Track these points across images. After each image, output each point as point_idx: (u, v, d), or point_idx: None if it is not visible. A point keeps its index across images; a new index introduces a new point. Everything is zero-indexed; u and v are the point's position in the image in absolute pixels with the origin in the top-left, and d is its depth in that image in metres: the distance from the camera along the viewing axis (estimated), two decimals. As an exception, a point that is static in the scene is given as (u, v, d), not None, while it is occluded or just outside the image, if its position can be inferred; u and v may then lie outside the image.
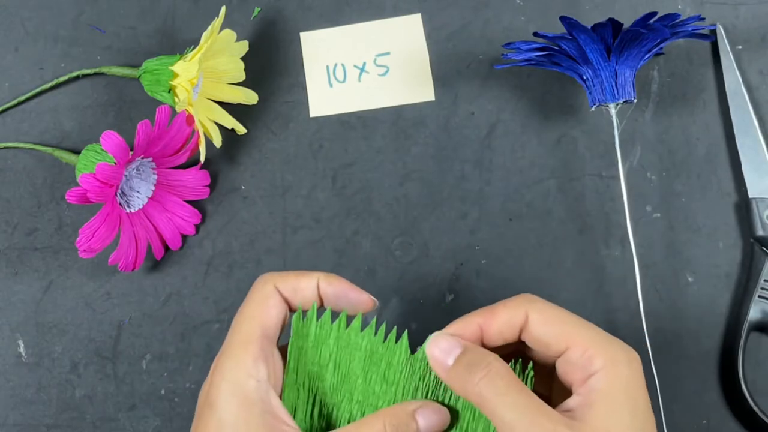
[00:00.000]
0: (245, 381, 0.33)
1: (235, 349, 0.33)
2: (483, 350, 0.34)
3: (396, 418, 0.33)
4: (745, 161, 0.45)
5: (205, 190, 0.49)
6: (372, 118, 0.49)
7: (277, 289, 0.35)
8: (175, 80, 0.46)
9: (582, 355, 0.32)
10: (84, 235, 0.43)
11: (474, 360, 0.33)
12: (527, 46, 0.44)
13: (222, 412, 0.32)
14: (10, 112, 0.52)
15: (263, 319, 0.34)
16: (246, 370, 0.33)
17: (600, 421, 0.31)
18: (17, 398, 0.48)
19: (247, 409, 0.32)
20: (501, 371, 0.32)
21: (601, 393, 0.32)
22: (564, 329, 0.33)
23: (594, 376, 0.32)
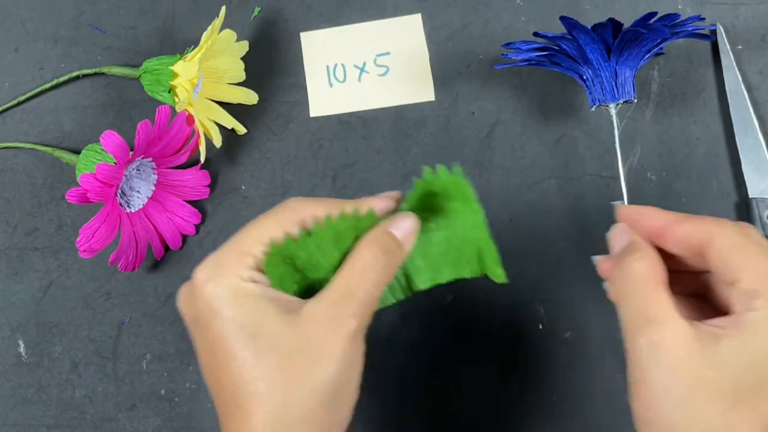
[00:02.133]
0: (245, 284, 0.32)
1: (231, 257, 0.33)
2: (641, 244, 0.34)
3: (375, 240, 0.34)
4: (745, 161, 0.45)
5: (205, 190, 0.49)
6: (372, 118, 0.49)
7: (300, 220, 0.34)
8: (175, 80, 0.46)
9: (750, 289, 0.32)
10: (84, 235, 0.43)
11: (626, 252, 0.34)
12: (527, 46, 0.44)
13: (237, 314, 0.32)
14: (10, 112, 0.52)
15: (269, 234, 0.34)
16: (243, 277, 0.33)
17: (723, 355, 0.30)
18: (17, 398, 0.48)
19: (256, 304, 0.32)
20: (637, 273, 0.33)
21: (744, 329, 0.31)
22: (742, 260, 0.33)
23: (750, 313, 0.31)
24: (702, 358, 0.30)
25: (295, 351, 0.32)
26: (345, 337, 0.32)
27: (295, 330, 0.32)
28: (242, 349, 0.32)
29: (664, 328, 0.31)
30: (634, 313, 0.32)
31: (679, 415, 0.30)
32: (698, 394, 0.30)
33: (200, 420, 0.47)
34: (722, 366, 0.30)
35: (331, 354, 0.32)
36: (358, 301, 0.33)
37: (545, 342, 0.46)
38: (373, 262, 0.34)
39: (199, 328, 0.33)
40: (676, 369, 0.30)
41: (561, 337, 0.45)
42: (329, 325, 0.32)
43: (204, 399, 0.47)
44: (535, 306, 0.46)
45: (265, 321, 0.32)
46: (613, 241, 0.36)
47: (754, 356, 0.30)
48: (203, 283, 0.33)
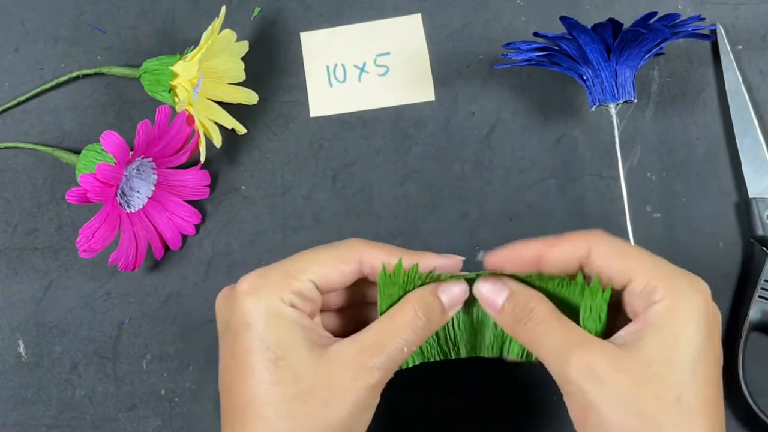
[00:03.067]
0: (283, 307, 0.33)
1: (278, 277, 0.33)
2: (528, 292, 0.34)
3: (422, 299, 0.35)
4: (745, 161, 0.45)
5: (205, 190, 0.49)
6: (372, 118, 0.49)
7: (360, 261, 0.35)
8: (175, 80, 0.46)
9: (644, 287, 0.32)
10: (84, 235, 0.43)
11: (518, 304, 0.34)
12: (527, 46, 0.44)
13: (267, 333, 0.32)
14: (10, 112, 0.52)
15: (324, 275, 0.34)
16: (284, 299, 0.33)
17: (647, 351, 0.31)
18: (17, 398, 0.48)
19: (289, 329, 0.32)
20: (544, 314, 0.33)
21: (655, 324, 0.31)
22: (627, 262, 0.33)
23: (653, 307, 0.32)
24: (634, 362, 0.31)
25: (312, 387, 0.32)
26: (364, 387, 0.32)
27: (318, 366, 0.32)
28: (262, 371, 0.32)
29: (591, 349, 0.31)
30: (554, 349, 0.32)
31: (634, 420, 0.30)
32: (644, 393, 0.30)
33: (200, 420, 0.47)
34: (654, 361, 0.31)
35: (347, 399, 0.32)
36: (387, 354, 0.33)
37: (545, 342, 0.45)
38: (413, 321, 0.34)
39: (228, 335, 0.34)
40: (617, 379, 0.31)
41: (561, 337, 0.45)
42: (352, 371, 0.32)
43: (204, 399, 0.47)
44: (535, 306, 0.46)
45: (292, 349, 0.32)
46: (488, 296, 0.35)
47: (676, 342, 0.31)
48: (245, 293, 0.33)
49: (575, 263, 0.34)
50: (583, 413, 0.32)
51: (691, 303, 0.32)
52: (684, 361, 0.31)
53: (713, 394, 0.31)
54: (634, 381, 0.30)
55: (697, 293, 0.32)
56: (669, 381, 0.30)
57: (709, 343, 0.32)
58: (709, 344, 0.32)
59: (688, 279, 0.33)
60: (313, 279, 0.34)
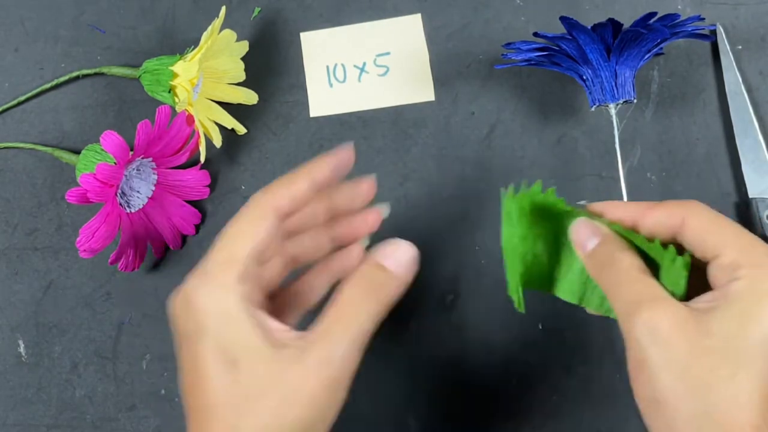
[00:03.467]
0: (234, 300, 0.32)
1: (217, 268, 0.33)
2: (617, 243, 0.35)
3: (365, 277, 0.34)
4: (745, 161, 0.45)
5: (205, 190, 0.49)
6: (372, 118, 0.49)
7: (272, 209, 0.34)
8: (175, 80, 0.46)
9: (731, 262, 0.32)
10: (84, 235, 0.43)
11: (605, 253, 0.34)
12: (527, 46, 0.44)
13: (219, 335, 0.32)
14: (10, 112, 0.52)
15: (249, 242, 0.33)
16: (229, 290, 0.32)
17: (715, 322, 0.31)
18: (17, 398, 0.48)
19: (242, 328, 0.32)
20: (624, 265, 0.33)
21: (730, 298, 0.31)
22: (718, 236, 0.33)
23: (733, 282, 0.32)
24: (698, 329, 0.31)
25: (270, 386, 0.31)
26: (325, 383, 0.32)
27: (275, 364, 0.32)
28: (220, 373, 0.32)
29: (658, 307, 0.31)
30: (625, 300, 0.33)
31: (682, 386, 0.30)
32: (699, 363, 0.30)
33: (200, 420, 0.47)
34: (718, 334, 0.30)
35: (307, 398, 0.31)
36: (345, 342, 0.32)
37: (545, 342, 0.45)
38: (360, 298, 0.33)
39: (185, 342, 0.33)
40: (675, 343, 0.31)
41: (561, 337, 0.45)
42: (310, 368, 0.31)
43: (204, 399, 0.47)
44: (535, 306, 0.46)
45: (248, 348, 0.32)
46: (581, 237, 0.36)
47: (744, 321, 0.31)
48: (194, 293, 0.33)
49: (669, 231, 0.34)
50: (637, 367, 0.32)
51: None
52: (749, 340, 0.30)
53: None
54: (693, 348, 0.30)
55: None
56: (728, 356, 0.30)
57: None
58: None
59: None
60: (249, 252, 0.33)
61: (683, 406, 0.30)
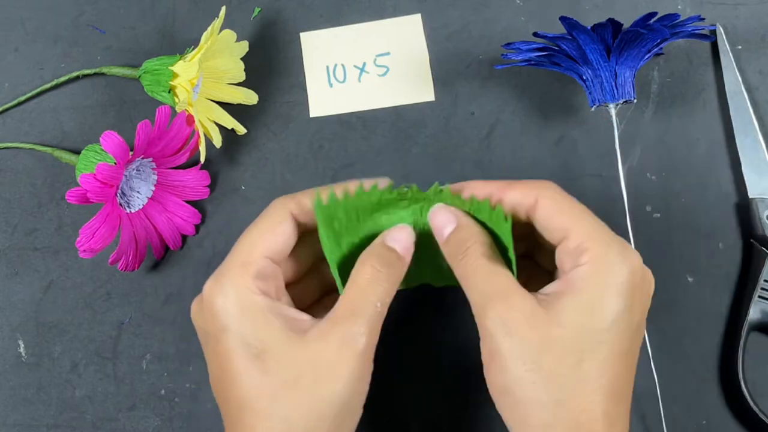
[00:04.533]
0: (252, 297, 0.33)
1: (236, 269, 0.34)
2: (471, 229, 0.35)
3: (376, 255, 0.35)
4: (745, 161, 0.45)
5: (205, 190, 0.49)
6: (372, 118, 0.49)
7: (291, 214, 0.35)
8: (175, 80, 0.46)
9: (575, 247, 0.33)
10: (84, 235, 0.43)
11: (459, 239, 0.35)
12: (527, 46, 0.44)
13: (243, 331, 0.33)
14: (10, 112, 0.52)
15: (269, 243, 0.35)
16: (249, 287, 0.33)
17: (561, 312, 0.32)
18: (17, 398, 0.48)
19: (264, 319, 0.33)
20: (476, 254, 0.34)
21: (575, 287, 0.32)
22: (566, 219, 0.34)
23: (577, 268, 0.33)
24: (546, 320, 0.32)
25: (301, 370, 0.32)
26: (353, 358, 0.33)
27: (302, 349, 0.32)
28: (249, 367, 0.32)
29: (510, 301, 0.32)
30: (479, 292, 0.33)
31: (534, 376, 0.31)
32: (548, 353, 0.31)
33: (200, 420, 0.47)
34: (565, 324, 0.31)
35: (339, 374, 0.32)
36: (365, 318, 0.33)
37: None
38: (375, 277, 0.35)
39: (210, 343, 0.34)
40: (526, 335, 0.31)
41: (561, 337, 0.45)
42: (338, 345, 0.32)
43: (204, 399, 0.47)
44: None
45: (272, 339, 0.33)
46: (438, 223, 0.36)
47: (589, 309, 0.32)
48: (211, 296, 0.34)
49: (525, 211, 0.35)
50: (490, 357, 0.33)
51: (614, 272, 0.32)
52: (593, 328, 0.32)
53: (620, 366, 0.32)
54: (541, 339, 0.31)
55: (623, 263, 0.32)
56: (574, 345, 0.31)
57: (626, 316, 0.32)
58: (627, 316, 0.32)
59: (619, 248, 0.33)
60: (265, 253, 0.34)
61: (535, 396, 0.31)
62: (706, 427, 0.44)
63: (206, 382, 0.47)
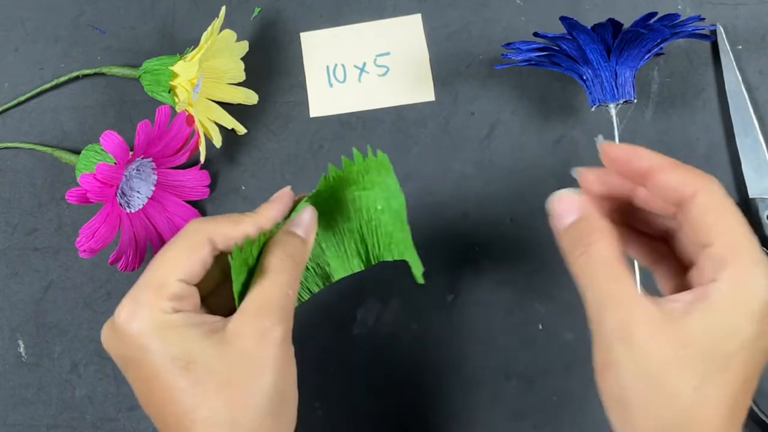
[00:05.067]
0: (168, 317, 0.33)
1: (149, 293, 0.33)
2: (596, 223, 0.33)
3: (281, 244, 0.36)
4: (745, 161, 0.45)
5: (205, 190, 0.49)
6: (372, 118, 0.49)
7: (208, 239, 0.35)
8: (175, 80, 0.46)
9: (719, 257, 0.31)
10: (84, 235, 0.43)
11: (582, 233, 0.32)
12: (527, 46, 0.44)
13: (167, 348, 0.32)
14: (10, 112, 0.52)
15: (185, 267, 0.34)
16: (164, 309, 0.33)
17: (689, 329, 0.30)
18: (17, 398, 0.48)
19: (183, 334, 0.33)
20: (599, 254, 0.32)
21: (708, 303, 0.30)
22: (721, 224, 0.31)
23: (715, 283, 0.30)
24: (671, 336, 0.30)
25: (230, 371, 0.32)
26: (274, 347, 0.33)
27: (225, 350, 0.32)
28: (178, 380, 0.32)
29: (632, 310, 0.30)
30: (598, 296, 0.31)
31: (652, 393, 0.30)
32: (670, 372, 0.30)
33: (200, 420, 0.47)
34: (691, 343, 0.30)
35: (265, 366, 0.32)
36: (277, 307, 0.33)
37: (545, 342, 0.46)
38: (282, 266, 0.35)
39: (131, 367, 0.34)
40: (647, 350, 0.30)
41: (561, 338, 0.45)
42: (256, 339, 0.33)
43: (204, 399, 0.47)
44: (535, 306, 0.46)
45: (195, 348, 0.32)
46: (560, 210, 0.34)
47: (720, 330, 0.30)
48: (126, 322, 0.33)
49: (677, 197, 0.32)
50: (604, 366, 0.31)
51: (755, 296, 0.30)
52: (722, 351, 0.30)
53: (740, 392, 0.30)
54: (663, 356, 0.30)
55: (765, 287, 0.30)
56: (698, 366, 0.30)
57: (756, 342, 0.30)
58: (755, 343, 0.30)
59: (763, 270, 0.30)
60: (180, 278, 0.34)
61: (650, 411, 0.30)
62: (706, 427, 0.44)
63: (206, 382, 0.47)
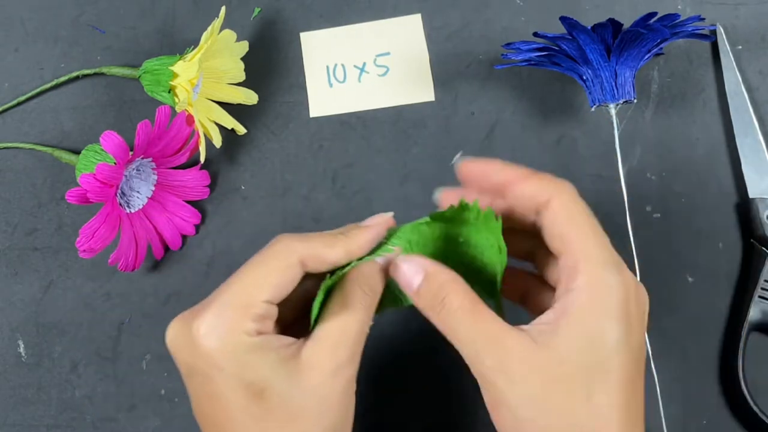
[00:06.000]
0: (250, 340, 0.31)
1: (234, 313, 0.32)
2: (442, 277, 0.33)
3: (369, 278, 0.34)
4: (745, 161, 0.45)
5: (205, 190, 0.49)
6: (372, 118, 0.49)
7: (299, 260, 0.33)
8: (175, 80, 0.46)
9: (572, 266, 0.31)
10: (84, 235, 0.43)
11: (432, 290, 0.33)
12: (527, 47, 0.44)
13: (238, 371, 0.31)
14: (10, 112, 0.52)
15: (274, 288, 0.32)
16: (248, 332, 0.31)
17: (560, 347, 0.30)
18: (17, 398, 0.48)
19: (262, 359, 0.31)
20: (456, 304, 0.32)
21: (570, 316, 0.31)
22: (571, 231, 0.32)
23: (571, 293, 0.31)
24: (545, 358, 0.30)
25: (302, 404, 0.31)
26: (344, 386, 0.32)
27: (300, 382, 0.32)
28: (250, 406, 0.31)
29: (504, 343, 0.31)
30: (467, 343, 0.32)
31: (546, 419, 0.30)
32: (556, 392, 0.30)
33: (200, 420, 0.47)
34: (566, 359, 0.30)
35: (334, 402, 0.32)
36: (353, 342, 0.33)
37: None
38: (365, 301, 0.34)
39: (196, 378, 0.33)
40: (528, 377, 0.30)
41: (561, 337, 0.45)
42: (330, 374, 0.32)
43: (204, 399, 0.47)
44: (535, 306, 0.46)
45: (271, 376, 0.31)
46: (405, 277, 0.34)
47: (588, 339, 0.30)
48: (205, 336, 0.31)
49: (533, 207, 0.33)
50: (494, 405, 0.32)
51: (610, 297, 0.31)
52: (596, 359, 0.30)
53: (629, 392, 0.31)
54: (545, 379, 0.30)
55: (619, 286, 0.31)
56: (579, 380, 0.30)
57: (626, 341, 0.31)
58: (627, 342, 0.31)
59: (613, 269, 0.31)
60: (267, 299, 0.32)
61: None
62: (706, 427, 0.44)
63: (206, 382, 0.47)
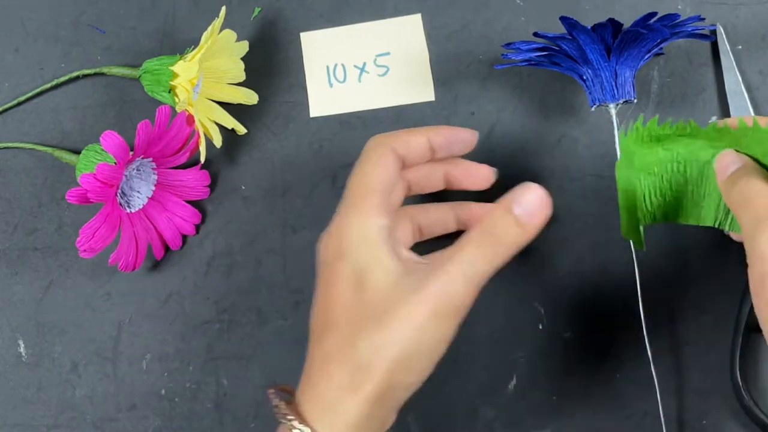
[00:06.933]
0: (371, 227, 0.35)
1: (357, 201, 0.36)
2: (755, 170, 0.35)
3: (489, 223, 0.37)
4: (745, 161, 0.45)
5: (205, 190, 0.49)
6: (372, 118, 0.49)
7: (392, 149, 0.38)
8: (175, 80, 0.46)
9: None
10: (84, 235, 0.43)
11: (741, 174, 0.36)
12: (527, 46, 0.44)
13: (357, 258, 0.35)
14: (10, 112, 0.52)
15: (381, 176, 0.37)
16: (370, 218, 0.35)
17: None
18: (17, 398, 0.48)
19: (378, 251, 0.35)
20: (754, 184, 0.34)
21: None
22: None
23: None
24: None
25: (387, 310, 0.34)
26: (434, 317, 0.34)
27: (396, 292, 0.34)
28: (347, 293, 0.35)
29: None
30: (752, 215, 0.33)
31: None
32: None
33: (200, 420, 0.47)
34: None
35: (414, 326, 0.34)
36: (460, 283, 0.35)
37: (545, 342, 0.46)
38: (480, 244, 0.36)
39: (324, 270, 0.36)
40: None
41: (561, 337, 0.45)
42: (424, 300, 0.34)
43: (204, 399, 0.47)
44: (535, 306, 0.46)
45: (378, 273, 0.34)
46: (723, 165, 0.37)
47: None
48: (339, 227, 0.36)
49: None
50: (761, 283, 0.32)
51: None
52: None
53: None
54: None
55: None
56: None
57: None
58: None
59: None
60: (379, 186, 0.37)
61: None
62: (705, 427, 0.44)
63: (206, 382, 0.47)
